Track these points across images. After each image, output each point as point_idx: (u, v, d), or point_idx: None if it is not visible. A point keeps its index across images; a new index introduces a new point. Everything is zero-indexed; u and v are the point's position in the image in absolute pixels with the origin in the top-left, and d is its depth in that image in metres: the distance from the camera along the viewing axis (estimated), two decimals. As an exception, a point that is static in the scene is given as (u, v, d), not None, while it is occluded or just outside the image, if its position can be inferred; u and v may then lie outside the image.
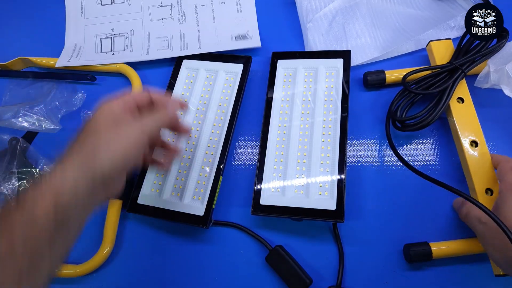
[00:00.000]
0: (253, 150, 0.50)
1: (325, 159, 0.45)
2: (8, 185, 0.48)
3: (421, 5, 0.55)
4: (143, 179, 0.47)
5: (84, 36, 0.58)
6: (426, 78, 0.46)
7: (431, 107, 0.45)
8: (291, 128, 0.47)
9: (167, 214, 0.44)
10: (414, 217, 0.45)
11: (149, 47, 0.56)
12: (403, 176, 0.47)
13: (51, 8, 0.61)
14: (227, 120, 0.48)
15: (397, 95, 0.47)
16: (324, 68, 0.50)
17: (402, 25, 0.54)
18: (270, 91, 0.50)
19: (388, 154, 0.48)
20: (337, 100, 0.47)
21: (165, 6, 0.59)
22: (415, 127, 0.45)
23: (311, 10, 0.55)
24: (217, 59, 0.53)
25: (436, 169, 0.47)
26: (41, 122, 0.50)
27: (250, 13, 0.57)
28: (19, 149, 0.50)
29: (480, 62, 0.46)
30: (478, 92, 0.48)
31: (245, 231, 0.45)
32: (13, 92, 0.54)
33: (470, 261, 0.42)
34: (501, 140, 0.47)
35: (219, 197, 0.45)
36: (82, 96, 0.53)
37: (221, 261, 0.45)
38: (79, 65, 0.54)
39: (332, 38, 0.54)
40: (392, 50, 0.52)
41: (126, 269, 0.45)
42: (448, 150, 0.48)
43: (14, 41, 0.60)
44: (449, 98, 0.45)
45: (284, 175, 0.45)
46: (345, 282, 0.43)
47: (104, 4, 0.60)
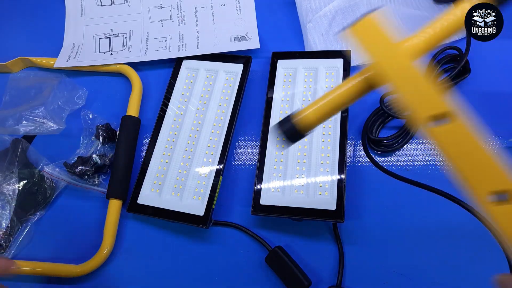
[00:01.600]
0: (253, 150, 0.50)
1: (325, 159, 0.45)
2: (8, 185, 0.48)
3: (421, 5, 0.55)
4: (143, 179, 0.47)
5: (83, 36, 0.58)
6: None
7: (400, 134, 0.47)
8: (291, 128, 0.47)
9: (167, 214, 0.44)
10: (414, 216, 0.45)
11: (147, 47, 0.56)
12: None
13: (51, 8, 0.61)
14: (227, 120, 0.48)
15: (373, 113, 0.48)
16: (324, 68, 0.50)
17: (402, 25, 0.54)
18: (270, 91, 0.50)
19: (388, 154, 0.48)
20: (337, 100, 0.47)
21: (165, 7, 0.59)
22: (385, 150, 0.47)
23: (311, 10, 0.55)
24: (217, 59, 0.53)
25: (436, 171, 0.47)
26: (44, 124, 0.50)
27: (249, 15, 0.57)
28: (21, 149, 0.50)
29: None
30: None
31: (245, 231, 0.45)
32: (13, 92, 0.54)
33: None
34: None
35: (219, 197, 0.45)
36: (84, 92, 0.53)
37: (221, 261, 0.45)
38: (78, 66, 0.54)
39: (332, 38, 0.54)
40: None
41: (126, 269, 0.45)
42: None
43: (14, 41, 0.60)
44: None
45: (284, 175, 0.45)
46: (345, 282, 0.43)
47: (104, 4, 0.60)
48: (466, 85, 0.50)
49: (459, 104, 0.25)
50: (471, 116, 0.25)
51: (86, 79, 0.56)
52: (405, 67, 0.26)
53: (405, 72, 0.26)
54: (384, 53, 0.27)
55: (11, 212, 0.47)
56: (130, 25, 0.58)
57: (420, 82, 0.26)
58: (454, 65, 0.49)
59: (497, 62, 0.51)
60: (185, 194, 0.45)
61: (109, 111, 0.53)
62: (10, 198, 0.48)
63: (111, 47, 0.57)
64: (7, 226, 0.46)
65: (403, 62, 0.27)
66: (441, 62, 0.49)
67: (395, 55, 0.27)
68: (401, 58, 0.27)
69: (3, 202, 0.47)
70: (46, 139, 0.52)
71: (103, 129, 0.50)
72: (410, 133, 0.47)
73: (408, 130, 0.47)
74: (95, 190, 0.48)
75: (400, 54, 0.27)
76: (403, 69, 0.26)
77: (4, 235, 0.46)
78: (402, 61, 0.27)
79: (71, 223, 0.48)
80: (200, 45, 0.55)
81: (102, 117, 0.52)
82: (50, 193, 0.49)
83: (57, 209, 0.49)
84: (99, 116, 0.52)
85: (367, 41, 0.28)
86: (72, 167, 0.47)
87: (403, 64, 0.26)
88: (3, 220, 0.47)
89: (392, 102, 0.46)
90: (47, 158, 0.50)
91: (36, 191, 0.48)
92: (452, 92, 0.50)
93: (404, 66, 0.26)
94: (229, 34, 0.56)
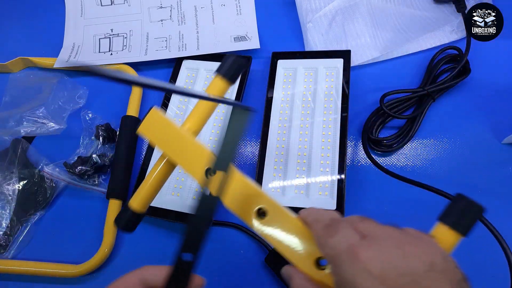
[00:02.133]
0: (253, 150, 0.50)
1: (325, 159, 0.45)
2: (8, 185, 0.48)
3: (421, 5, 0.55)
4: (143, 179, 0.47)
5: (83, 36, 0.58)
6: (400, 100, 0.47)
7: (401, 133, 0.47)
8: (291, 128, 0.47)
9: (167, 214, 0.44)
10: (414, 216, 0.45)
11: (147, 47, 0.56)
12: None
13: (51, 8, 0.62)
14: (227, 120, 0.48)
15: (373, 113, 0.48)
16: (324, 68, 0.50)
17: (402, 25, 0.54)
18: (270, 91, 0.50)
19: (388, 154, 0.48)
20: (337, 100, 0.47)
21: (165, 7, 0.59)
22: (385, 150, 0.47)
23: (311, 10, 0.55)
24: (217, 59, 0.53)
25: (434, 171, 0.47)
26: (45, 125, 0.50)
27: (249, 15, 0.57)
28: (21, 149, 0.50)
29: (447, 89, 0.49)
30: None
31: (245, 231, 0.45)
32: (13, 92, 0.54)
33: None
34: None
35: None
36: (85, 91, 0.53)
37: (221, 261, 0.45)
38: (78, 66, 0.54)
39: (332, 38, 0.54)
40: (392, 51, 0.52)
41: (126, 269, 0.45)
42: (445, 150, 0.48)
43: (14, 41, 0.60)
44: (418, 126, 0.47)
45: (284, 175, 0.45)
46: (345, 282, 0.43)
47: (104, 4, 0.60)
48: (466, 85, 0.50)
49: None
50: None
51: (86, 79, 0.56)
52: (187, 147, 0.32)
53: (188, 152, 0.32)
54: (169, 140, 0.33)
55: (11, 212, 0.47)
56: (130, 25, 0.58)
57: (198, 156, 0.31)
58: (454, 65, 0.50)
59: (497, 62, 0.51)
60: (185, 194, 0.45)
61: (109, 111, 0.53)
62: (10, 198, 0.48)
63: (111, 47, 0.57)
64: (7, 226, 0.46)
65: (185, 143, 0.32)
66: (441, 62, 0.49)
67: (177, 139, 0.32)
68: (182, 140, 0.32)
69: (3, 202, 0.47)
70: (46, 139, 0.52)
71: (103, 129, 0.50)
72: (410, 133, 0.47)
73: (408, 130, 0.47)
74: (95, 190, 0.48)
75: (182, 137, 0.32)
76: (186, 149, 0.32)
77: (4, 235, 0.46)
78: (184, 143, 0.32)
79: (71, 223, 0.48)
80: (200, 45, 0.55)
81: (102, 117, 0.52)
82: (50, 193, 0.49)
83: (57, 209, 0.49)
84: (99, 116, 0.52)
85: (155, 133, 0.33)
86: (72, 167, 0.47)
87: (184, 147, 0.32)
88: (3, 220, 0.47)
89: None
90: (47, 158, 0.50)
91: (36, 191, 0.48)
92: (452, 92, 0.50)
93: (186, 146, 0.32)
94: (229, 34, 0.56)
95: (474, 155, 0.47)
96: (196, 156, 0.31)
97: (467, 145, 0.47)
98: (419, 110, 0.47)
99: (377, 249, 0.21)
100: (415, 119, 0.47)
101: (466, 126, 0.48)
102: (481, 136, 0.48)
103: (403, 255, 0.21)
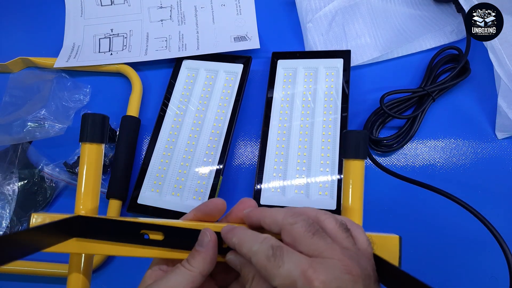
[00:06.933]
0: (253, 150, 0.50)
1: (325, 159, 0.45)
2: (8, 185, 0.48)
3: (421, 6, 0.55)
4: (143, 179, 0.47)
5: (83, 36, 0.58)
6: (400, 100, 0.47)
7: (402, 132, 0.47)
8: (291, 128, 0.47)
9: (167, 214, 0.44)
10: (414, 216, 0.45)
11: (147, 47, 0.56)
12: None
13: (51, 8, 0.61)
14: (227, 120, 0.48)
15: (373, 113, 0.48)
16: (324, 68, 0.50)
17: (403, 25, 0.54)
18: (270, 91, 0.50)
19: (388, 154, 0.48)
20: (337, 100, 0.47)
21: (165, 7, 0.59)
22: (385, 150, 0.47)
23: (311, 10, 0.55)
24: (217, 59, 0.53)
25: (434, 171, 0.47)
26: (48, 127, 0.50)
27: (249, 15, 0.57)
28: (21, 149, 0.50)
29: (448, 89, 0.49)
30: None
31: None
32: (13, 92, 0.54)
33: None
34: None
35: (219, 197, 0.45)
36: (88, 90, 0.53)
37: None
38: (78, 66, 0.54)
39: (332, 38, 0.54)
40: (392, 51, 0.52)
41: (126, 270, 0.45)
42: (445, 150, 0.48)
43: (14, 41, 0.60)
44: (418, 126, 0.47)
45: (284, 175, 0.45)
46: (345, 282, 0.43)
47: (104, 5, 0.60)
48: (466, 85, 0.50)
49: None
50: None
51: (86, 79, 0.56)
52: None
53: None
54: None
55: (11, 212, 0.47)
56: (130, 25, 0.58)
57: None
58: (454, 65, 0.50)
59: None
60: (185, 194, 0.45)
61: (109, 111, 0.53)
62: (10, 198, 0.48)
63: (111, 47, 0.57)
64: (7, 226, 0.46)
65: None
66: (441, 62, 0.50)
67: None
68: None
69: (3, 202, 0.47)
70: (46, 139, 0.52)
71: (103, 129, 0.50)
72: (410, 133, 0.47)
73: (408, 130, 0.47)
74: (95, 190, 0.48)
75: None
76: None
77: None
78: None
79: (71, 223, 0.48)
80: (200, 45, 0.55)
81: (102, 117, 0.52)
82: (50, 193, 0.49)
83: (57, 209, 0.49)
84: (99, 116, 0.52)
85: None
86: (72, 167, 0.47)
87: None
88: (3, 220, 0.47)
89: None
90: (47, 158, 0.50)
91: (36, 191, 0.48)
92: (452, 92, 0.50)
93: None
94: (229, 34, 0.56)
95: (474, 155, 0.47)
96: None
97: (467, 145, 0.48)
98: (419, 110, 0.47)
99: (329, 272, 0.22)
100: (415, 119, 0.47)
101: (466, 126, 0.48)
102: (481, 136, 0.48)
103: (353, 281, 0.22)
